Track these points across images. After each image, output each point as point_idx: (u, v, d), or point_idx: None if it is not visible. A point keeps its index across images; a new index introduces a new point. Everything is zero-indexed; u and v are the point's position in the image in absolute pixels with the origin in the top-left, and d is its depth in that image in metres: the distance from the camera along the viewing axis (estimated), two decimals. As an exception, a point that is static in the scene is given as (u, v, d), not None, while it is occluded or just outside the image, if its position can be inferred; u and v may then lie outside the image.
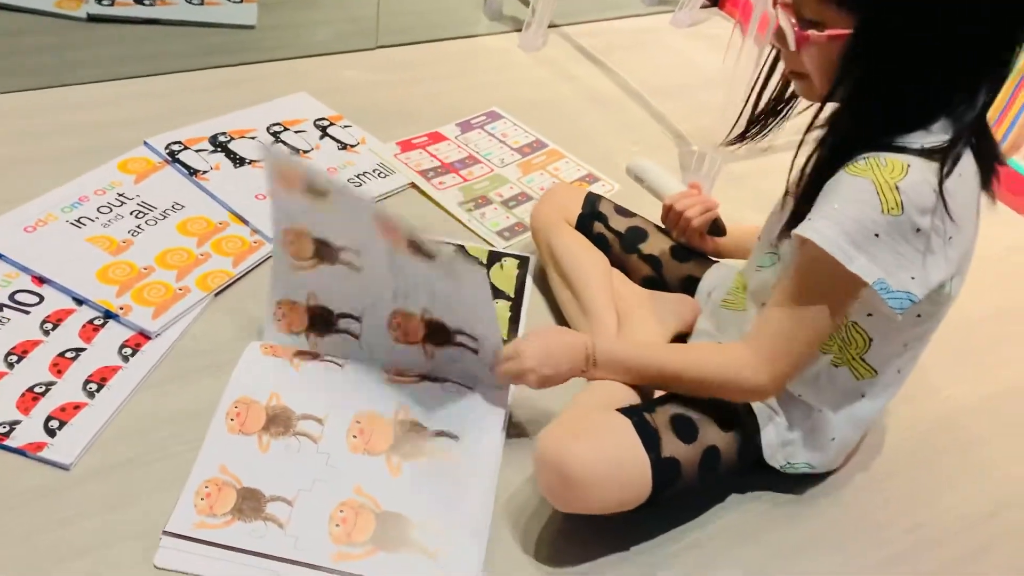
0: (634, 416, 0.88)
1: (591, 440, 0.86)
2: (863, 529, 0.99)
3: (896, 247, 0.79)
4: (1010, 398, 1.20)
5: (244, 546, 0.85)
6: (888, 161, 0.78)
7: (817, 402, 0.94)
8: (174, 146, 1.36)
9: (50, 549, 0.84)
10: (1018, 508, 1.05)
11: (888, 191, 0.77)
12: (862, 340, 0.90)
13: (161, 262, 1.16)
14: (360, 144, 1.46)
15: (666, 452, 0.87)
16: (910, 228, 0.79)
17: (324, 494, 0.90)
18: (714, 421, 0.92)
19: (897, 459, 1.08)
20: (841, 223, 0.79)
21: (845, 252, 0.79)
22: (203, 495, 0.89)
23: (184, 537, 0.85)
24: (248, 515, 0.88)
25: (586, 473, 0.84)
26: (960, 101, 0.79)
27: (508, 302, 1.19)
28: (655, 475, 0.86)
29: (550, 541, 0.92)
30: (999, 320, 1.33)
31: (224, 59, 1.63)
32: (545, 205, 1.20)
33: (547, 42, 1.87)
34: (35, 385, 0.97)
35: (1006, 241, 1.51)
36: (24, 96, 1.46)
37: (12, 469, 0.90)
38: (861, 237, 0.79)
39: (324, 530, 0.87)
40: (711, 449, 0.91)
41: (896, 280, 0.80)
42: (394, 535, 0.88)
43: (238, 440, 0.94)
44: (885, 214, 0.78)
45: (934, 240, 0.80)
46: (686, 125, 1.66)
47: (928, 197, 0.78)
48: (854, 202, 0.78)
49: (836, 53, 0.79)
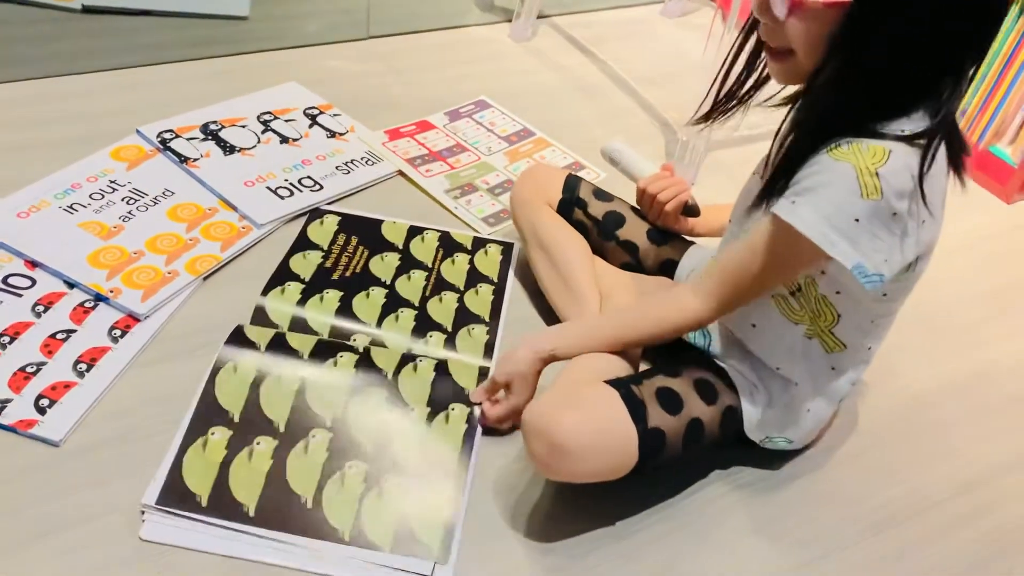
0: (621, 388, 0.91)
1: (579, 410, 0.88)
2: (838, 504, 1.02)
3: (874, 231, 0.81)
4: (981, 380, 1.22)
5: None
6: (869, 147, 0.80)
7: (793, 375, 0.97)
8: (166, 134, 1.39)
9: (39, 522, 0.87)
10: (984, 486, 1.07)
11: (869, 176, 0.79)
12: (831, 314, 0.93)
13: (151, 247, 1.18)
14: (349, 132, 1.49)
15: (652, 423, 0.90)
16: (888, 213, 0.80)
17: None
18: (698, 395, 0.95)
19: (870, 438, 1.10)
20: (822, 208, 0.81)
21: (826, 237, 0.81)
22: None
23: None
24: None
25: (574, 441, 0.86)
26: (946, 86, 0.80)
27: (491, 286, 1.22)
28: (641, 445, 0.89)
29: (536, 516, 0.94)
30: (974, 304, 1.35)
31: (217, 49, 1.65)
32: (525, 185, 1.21)
33: (537, 32, 1.89)
34: (26, 365, 1.00)
35: (986, 227, 1.53)
36: (19, 85, 1.49)
37: (3, 446, 0.93)
38: (842, 222, 0.80)
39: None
40: (695, 421, 0.93)
41: (872, 263, 0.82)
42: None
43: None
44: (865, 199, 0.79)
45: (909, 223, 0.82)
46: (673, 113, 1.68)
47: (906, 183, 0.80)
48: (835, 187, 0.80)
49: (828, 25, 0.78)
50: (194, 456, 0.92)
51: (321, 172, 1.38)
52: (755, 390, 0.98)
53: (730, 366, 0.99)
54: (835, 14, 0.78)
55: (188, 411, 0.96)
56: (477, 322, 1.16)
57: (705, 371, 0.98)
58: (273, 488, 0.91)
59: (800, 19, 0.80)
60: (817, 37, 0.80)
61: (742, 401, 0.98)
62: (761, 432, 0.99)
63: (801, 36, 0.81)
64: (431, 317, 1.15)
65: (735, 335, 0.99)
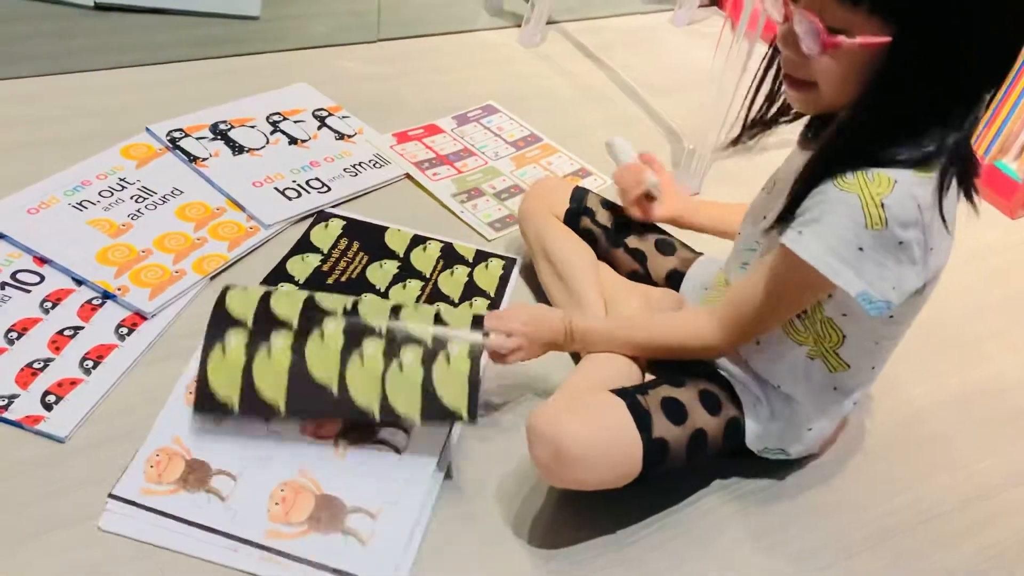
0: (627, 398, 0.91)
1: (585, 418, 0.89)
2: (840, 514, 1.02)
3: (879, 259, 0.81)
4: (984, 393, 1.22)
5: (183, 515, 0.88)
6: (876, 176, 0.80)
7: (794, 393, 0.97)
8: (175, 133, 1.39)
9: (43, 518, 0.88)
10: (987, 499, 1.07)
11: (873, 207, 0.79)
12: (836, 336, 0.93)
13: (159, 245, 1.19)
14: (357, 135, 1.49)
15: (656, 433, 0.90)
16: (893, 242, 0.81)
17: (268, 472, 0.93)
18: (703, 406, 0.95)
19: (873, 449, 1.11)
20: (827, 239, 0.81)
21: (831, 267, 0.82)
22: (153, 463, 0.92)
23: (128, 502, 0.89)
24: (192, 485, 0.91)
25: (580, 449, 0.86)
26: (960, 114, 0.80)
27: (487, 301, 1.21)
28: (646, 455, 0.89)
29: (538, 523, 0.95)
30: (979, 318, 1.35)
31: (227, 49, 1.66)
32: (533, 197, 1.23)
33: (546, 38, 1.89)
34: (34, 361, 1.01)
35: (991, 241, 1.53)
36: (31, 81, 1.50)
37: (9, 441, 0.94)
38: (846, 251, 0.81)
39: (263, 507, 0.90)
40: (699, 432, 0.94)
41: (878, 290, 0.82)
42: (330, 517, 0.90)
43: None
44: (869, 229, 0.80)
45: (915, 251, 0.82)
46: (679, 122, 1.68)
47: (911, 212, 0.80)
48: (840, 217, 0.80)
49: (858, 62, 0.78)
50: (217, 362, 0.93)
51: (329, 174, 1.38)
52: (758, 403, 0.98)
53: (734, 378, 0.99)
54: (869, 52, 0.77)
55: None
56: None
57: (709, 382, 0.98)
58: (298, 382, 0.92)
59: (831, 56, 0.79)
60: (846, 74, 0.79)
61: (745, 413, 0.98)
62: (760, 443, 1.00)
63: (829, 73, 0.80)
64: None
65: (738, 350, 1.00)
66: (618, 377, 0.99)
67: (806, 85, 0.84)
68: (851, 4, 0.76)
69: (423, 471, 0.96)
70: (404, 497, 0.93)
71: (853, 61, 0.78)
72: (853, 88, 0.80)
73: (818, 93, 0.83)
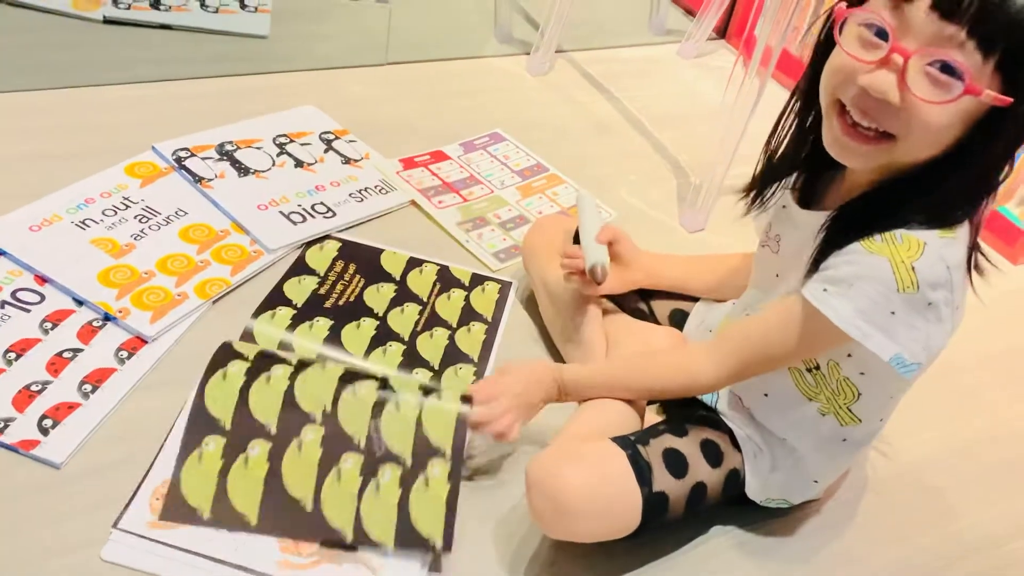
0: (628, 449, 0.90)
1: (585, 469, 0.87)
2: (841, 563, 1.01)
3: (911, 322, 0.80)
4: (986, 443, 1.22)
5: (191, 547, 0.87)
6: (905, 239, 0.78)
7: (799, 445, 0.96)
8: (181, 152, 1.39)
9: (36, 545, 0.86)
10: (989, 551, 1.07)
11: (905, 271, 0.77)
12: (852, 393, 0.91)
13: (162, 267, 1.18)
14: (364, 159, 1.49)
15: (657, 487, 0.89)
16: (923, 303, 0.79)
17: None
18: (704, 458, 0.94)
19: (875, 497, 1.10)
20: (856, 302, 0.79)
21: (860, 330, 0.80)
22: (159, 495, 0.91)
23: (134, 535, 0.87)
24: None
25: (578, 502, 0.85)
26: (996, 178, 0.80)
27: (484, 325, 1.21)
28: (645, 508, 0.88)
29: (533, 566, 0.93)
30: (981, 367, 1.35)
31: (235, 68, 1.66)
32: (535, 234, 1.22)
33: (554, 67, 1.90)
34: (31, 383, 0.99)
35: (993, 288, 1.52)
36: (36, 95, 1.49)
37: (3, 465, 0.92)
38: (878, 315, 0.79)
39: (272, 538, 0.89)
40: (699, 485, 0.93)
41: (910, 352, 0.81)
42: (340, 548, 0.89)
43: None
44: (901, 292, 0.78)
45: (943, 310, 0.81)
46: (685, 156, 1.69)
47: (941, 274, 0.79)
48: (871, 280, 0.78)
49: (965, 120, 0.74)
50: (191, 469, 0.92)
51: (335, 199, 1.37)
52: (759, 453, 0.97)
53: (736, 427, 0.98)
54: (980, 111, 0.74)
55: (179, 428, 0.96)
56: (465, 361, 1.15)
57: (712, 430, 0.97)
58: (272, 494, 0.90)
59: (944, 108, 0.73)
60: (948, 129, 0.75)
61: (746, 465, 0.97)
62: (763, 494, 0.98)
63: (928, 126, 0.74)
64: (419, 353, 1.14)
65: (743, 402, 0.98)
66: (618, 422, 0.97)
67: (879, 138, 0.78)
68: (983, 52, 0.70)
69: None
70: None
71: (963, 117, 0.74)
72: (942, 144, 0.77)
73: (893, 146, 0.77)
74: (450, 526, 0.90)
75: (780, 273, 0.94)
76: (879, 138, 0.78)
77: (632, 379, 0.99)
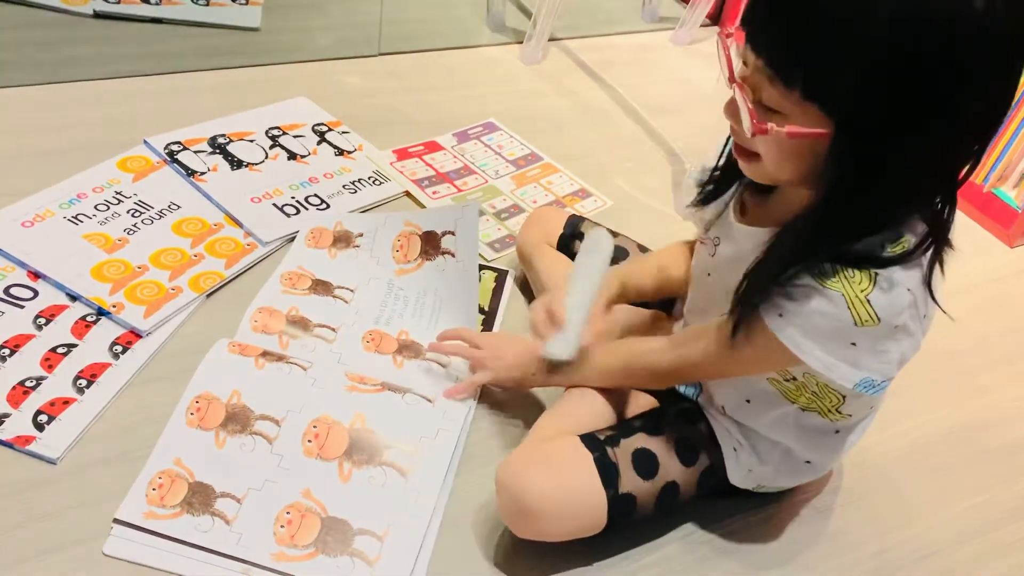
0: (596, 450, 0.89)
1: (549, 471, 0.87)
2: (834, 549, 1.01)
3: (877, 348, 0.78)
4: (981, 426, 1.22)
5: (188, 538, 0.87)
6: (856, 273, 0.74)
7: (785, 440, 0.94)
8: (173, 146, 1.38)
9: (32, 541, 0.86)
10: (984, 534, 1.07)
11: (860, 305, 0.74)
12: (836, 397, 0.89)
13: (155, 261, 1.18)
14: (357, 151, 1.49)
15: (624, 488, 0.89)
16: (890, 329, 0.76)
17: (273, 495, 0.92)
18: (677, 457, 0.93)
19: (868, 483, 1.10)
20: (814, 336, 0.77)
21: (822, 362, 0.78)
22: (155, 486, 0.91)
23: (132, 526, 0.88)
24: (196, 509, 0.90)
25: (542, 504, 0.86)
26: (929, 195, 0.76)
27: (481, 315, 1.21)
28: (611, 510, 0.88)
29: (511, 555, 0.93)
30: (975, 349, 1.35)
31: (227, 61, 1.65)
32: (529, 228, 1.22)
33: (547, 55, 1.89)
34: (26, 379, 0.99)
35: (988, 271, 1.53)
36: (27, 90, 1.48)
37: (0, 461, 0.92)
38: (837, 347, 0.77)
39: (269, 530, 0.89)
40: (670, 484, 0.92)
41: (879, 372, 0.79)
42: (336, 540, 0.90)
43: (196, 434, 0.96)
44: (860, 327, 0.75)
45: (912, 325, 0.78)
46: (680, 143, 1.68)
47: (901, 299, 0.75)
48: (825, 316, 0.75)
49: (798, 148, 0.73)
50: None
51: (328, 191, 1.37)
52: (739, 447, 0.95)
53: (716, 422, 0.96)
54: (808, 139, 0.72)
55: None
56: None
57: (691, 426, 0.96)
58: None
59: (762, 137, 0.74)
60: (785, 156, 0.75)
61: (726, 460, 0.95)
62: (752, 482, 0.97)
63: (768, 151, 0.76)
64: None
65: (725, 411, 0.96)
66: (591, 417, 0.96)
67: (751, 155, 0.79)
68: (784, 87, 0.70)
69: (428, 493, 0.95)
70: (409, 518, 0.92)
71: (789, 146, 0.73)
72: (796, 168, 0.75)
73: (762, 164, 0.78)
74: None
75: (713, 274, 0.92)
76: (750, 155, 0.79)
77: (612, 370, 0.97)
